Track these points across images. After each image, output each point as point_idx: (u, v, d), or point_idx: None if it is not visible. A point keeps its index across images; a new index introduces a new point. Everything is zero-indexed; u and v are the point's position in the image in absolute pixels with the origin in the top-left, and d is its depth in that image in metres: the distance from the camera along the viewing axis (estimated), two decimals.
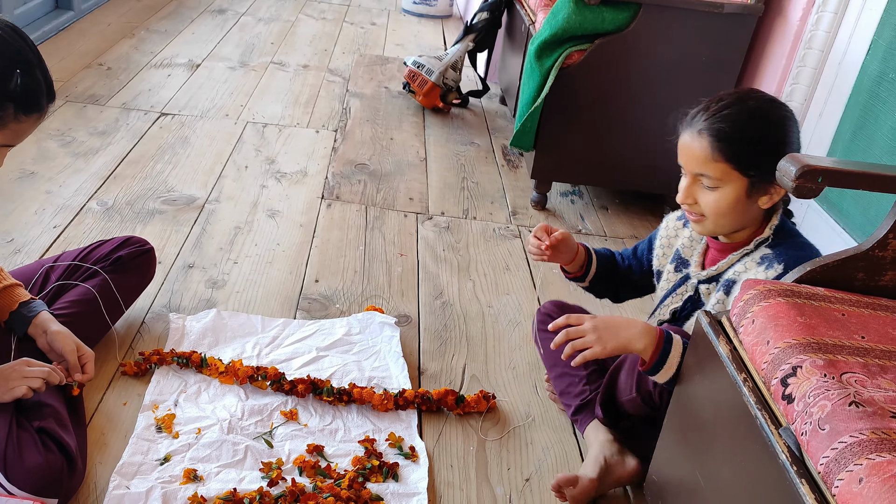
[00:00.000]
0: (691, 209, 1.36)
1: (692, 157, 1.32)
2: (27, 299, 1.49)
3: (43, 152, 2.55)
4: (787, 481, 0.89)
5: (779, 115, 1.31)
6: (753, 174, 1.28)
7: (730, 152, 1.27)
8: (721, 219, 1.33)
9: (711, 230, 1.37)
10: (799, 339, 0.99)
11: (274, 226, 2.31)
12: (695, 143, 1.31)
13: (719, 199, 1.31)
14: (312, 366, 1.71)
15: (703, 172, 1.31)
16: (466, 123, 3.34)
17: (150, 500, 1.32)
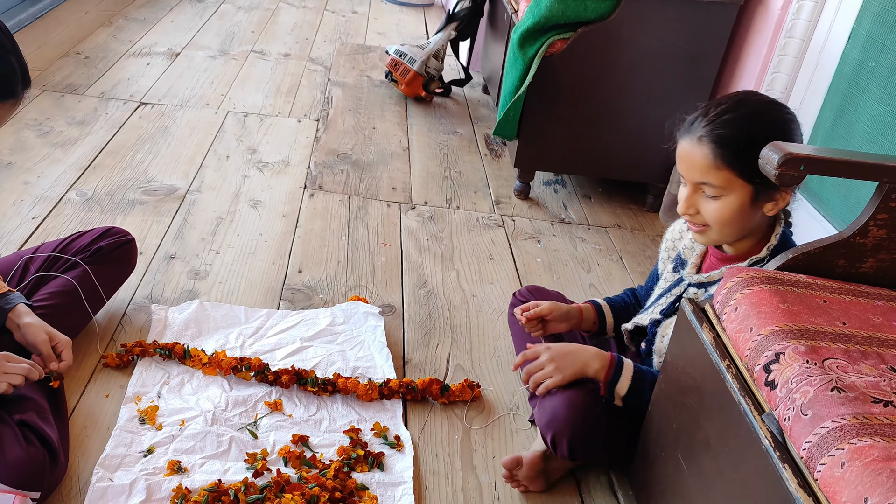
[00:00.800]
0: (693, 220, 1.30)
1: (693, 166, 1.26)
2: (4, 291, 1.47)
3: (20, 142, 2.51)
4: (770, 466, 0.90)
5: (781, 117, 1.26)
6: (759, 181, 1.20)
7: (733, 159, 1.21)
8: (726, 228, 1.27)
9: (715, 240, 1.31)
10: (781, 326, 1.00)
11: (256, 216, 2.30)
12: (695, 150, 1.25)
13: (723, 207, 1.24)
14: (296, 356, 1.70)
15: (706, 181, 1.24)
16: (449, 113, 3.33)
17: (134, 493, 1.31)
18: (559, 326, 1.58)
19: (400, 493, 1.40)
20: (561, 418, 1.32)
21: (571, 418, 1.32)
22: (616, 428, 1.36)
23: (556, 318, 1.57)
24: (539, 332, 1.59)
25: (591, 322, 1.60)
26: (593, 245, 2.40)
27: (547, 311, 1.56)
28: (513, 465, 1.43)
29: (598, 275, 2.24)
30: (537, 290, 1.75)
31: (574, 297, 2.06)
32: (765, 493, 0.91)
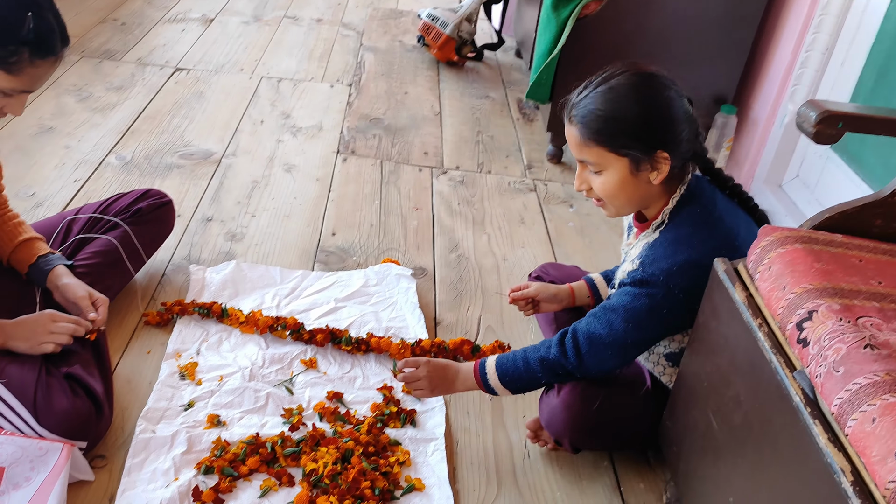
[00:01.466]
0: (589, 195, 1.32)
1: (571, 145, 1.29)
2: (46, 252, 1.52)
3: (61, 108, 2.56)
4: (800, 423, 0.90)
5: (646, 89, 1.24)
6: (628, 153, 1.23)
7: (598, 135, 1.23)
8: (616, 200, 1.29)
9: (615, 213, 1.33)
10: (815, 285, 0.99)
11: (290, 180, 2.32)
12: (569, 130, 1.28)
13: (606, 182, 1.27)
14: (331, 316, 1.73)
15: (583, 158, 1.27)
16: (481, 77, 3.32)
17: (176, 444, 1.36)
18: (549, 307, 1.62)
19: (431, 449, 1.43)
20: (559, 420, 1.36)
21: (568, 420, 1.35)
22: (618, 420, 1.38)
23: (545, 299, 1.60)
24: (531, 312, 1.63)
25: (585, 298, 1.61)
26: None
27: (533, 292, 1.60)
28: (536, 425, 1.46)
29: None
30: (554, 266, 1.77)
31: (605, 260, 2.06)
32: (795, 449, 0.92)
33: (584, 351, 1.29)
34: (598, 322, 1.29)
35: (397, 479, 1.35)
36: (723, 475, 1.11)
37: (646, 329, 1.27)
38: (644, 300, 1.24)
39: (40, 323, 1.37)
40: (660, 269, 1.23)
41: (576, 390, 1.35)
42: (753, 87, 2.53)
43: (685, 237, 1.25)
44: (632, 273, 1.27)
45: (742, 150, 2.54)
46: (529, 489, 1.39)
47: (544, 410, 1.39)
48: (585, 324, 1.31)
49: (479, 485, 1.39)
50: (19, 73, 1.20)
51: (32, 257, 1.50)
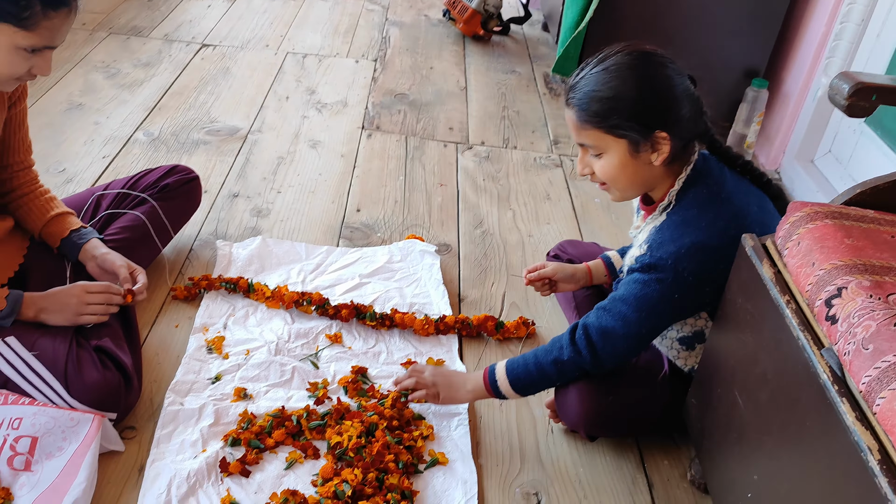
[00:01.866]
0: (593, 179, 1.30)
1: (571, 129, 1.27)
2: (78, 227, 1.54)
3: (89, 84, 2.58)
4: (827, 401, 0.89)
5: (642, 68, 1.21)
6: (625, 135, 1.20)
7: (594, 117, 1.21)
8: (618, 184, 1.27)
9: (619, 197, 1.31)
10: (845, 261, 0.97)
11: (316, 156, 2.33)
12: (567, 114, 1.26)
13: (605, 165, 1.25)
14: (355, 292, 1.74)
15: (582, 142, 1.26)
16: (507, 51, 3.28)
17: (204, 416, 1.38)
18: (567, 286, 1.61)
19: (455, 424, 1.44)
20: (573, 412, 1.36)
21: (582, 412, 1.34)
22: (633, 410, 1.37)
23: (562, 279, 1.59)
24: (548, 292, 1.62)
25: (602, 276, 1.60)
26: None
27: (550, 272, 1.58)
28: (554, 404, 1.45)
29: None
30: (572, 244, 1.76)
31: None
32: (822, 427, 0.91)
33: (598, 347, 1.28)
34: (609, 315, 1.27)
35: (421, 453, 1.36)
36: (748, 453, 1.11)
37: (658, 316, 1.25)
38: (654, 286, 1.23)
39: (73, 295, 1.40)
40: (667, 252, 1.21)
41: (590, 384, 1.34)
42: (786, 61, 2.48)
43: (692, 219, 1.22)
44: (640, 258, 1.26)
45: (773, 125, 2.50)
46: (553, 465, 1.40)
47: (559, 402, 1.39)
48: (596, 318, 1.29)
49: (502, 460, 1.39)
50: (35, 27, 1.19)
51: (65, 231, 1.52)
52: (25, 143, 1.51)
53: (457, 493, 1.30)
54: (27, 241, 1.54)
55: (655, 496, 1.36)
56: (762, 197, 1.29)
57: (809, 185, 2.25)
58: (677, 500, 1.36)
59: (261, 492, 1.27)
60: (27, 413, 1.24)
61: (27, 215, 1.52)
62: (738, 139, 2.51)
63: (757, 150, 2.56)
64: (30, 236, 1.55)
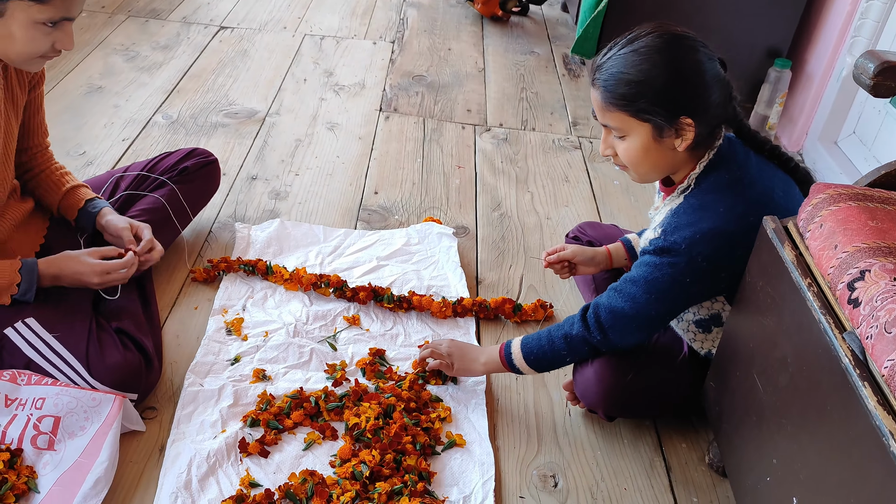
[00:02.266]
0: (615, 161, 1.29)
1: (595, 109, 1.25)
2: (92, 197, 1.55)
3: (109, 67, 2.59)
4: (848, 385, 0.88)
5: (671, 52, 1.18)
6: (650, 119, 1.18)
7: (620, 100, 1.19)
8: (639, 167, 1.25)
9: (639, 179, 1.29)
10: (869, 244, 0.96)
11: (333, 138, 2.33)
12: (593, 94, 1.24)
13: (628, 148, 1.23)
14: (373, 274, 1.75)
15: (606, 123, 1.24)
16: (526, 32, 3.25)
17: (223, 397, 1.39)
18: (587, 269, 1.59)
19: (473, 406, 1.44)
20: (592, 392, 1.35)
21: (601, 391, 1.34)
22: (651, 391, 1.36)
23: (582, 262, 1.58)
24: (567, 275, 1.60)
25: (622, 260, 1.58)
26: None
27: (570, 255, 1.57)
28: (572, 386, 1.45)
29: None
30: (591, 226, 1.74)
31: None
32: (843, 411, 0.90)
33: (607, 326, 1.28)
34: (620, 296, 1.27)
35: (438, 435, 1.37)
36: (767, 436, 1.10)
37: (669, 300, 1.24)
38: (666, 270, 1.21)
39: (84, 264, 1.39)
40: (682, 237, 1.20)
41: (609, 362, 1.33)
42: (809, 40, 2.44)
43: (710, 203, 1.21)
44: (654, 241, 1.24)
45: (796, 106, 2.46)
46: (570, 447, 1.40)
47: (578, 381, 1.39)
48: (607, 298, 1.29)
49: (519, 442, 1.40)
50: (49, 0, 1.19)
51: (80, 202, 1.53)
52: (43, 126, 1.53)
53: (474, 474, 1.31)
54: (47, 222, 1.55)
55: (673, 479, 1.36)
56: (788, 182, 1.27)
57: (832, 166, 2.21)
58: (695, 482, 1.36)
59: (279, 472, 1.28)
60: (50, 393, 1.26)
61: (45, 192, 1.54)
62: (760, 120, 2.48)
63: (779, 131, 2.53)
64: (49, 216, 1.57)
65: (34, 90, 1.45)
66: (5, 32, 1.20)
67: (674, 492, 1.34)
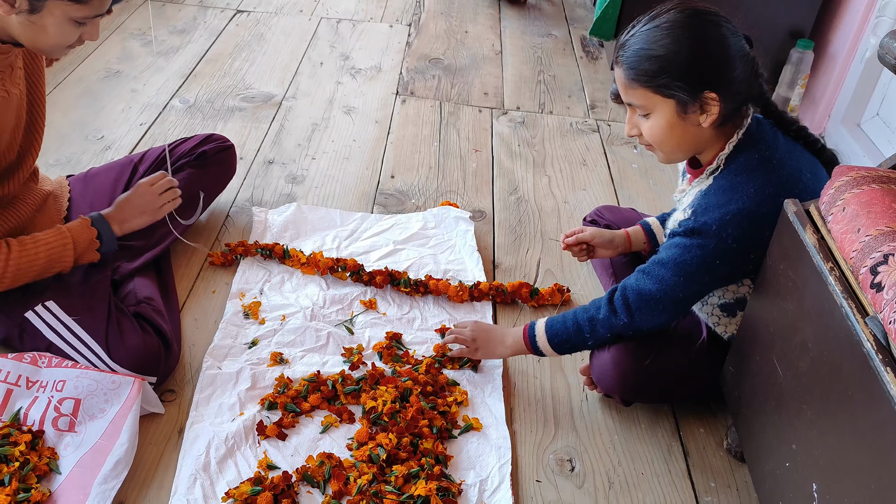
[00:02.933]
0: (640, 141, 1.27)
1: (619, 88, 1.24)
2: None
3: (126, 52, 2.60)
4: (870, 370, 0.87)
5: (694, 27, 1.17)
6: (673, 94, 1.17)
7: (643, 76, 1.18)
8: (664, 146, 1.24)
9: (665, 159, 1.28)
10: (893, 227, 0.94)
11: (350, 122, 2.32)
12: (616, 73, 1.23)
13: (653, 126, 1.22)
14: (390, 258, 1.75)
15: (630, 101, 1.23)
16: (544, 14, 3.22)
17: (241, 380, 1.40)
18: (605, 252, 1.58)
19: (489, 390, 1.44)
20: (609, 376, 1.35)
21: (618, 376, 1.33)
22: (668, 376, 1.35)
23: (600, 245, 1.57)
24: (585, 257, 1.60)
25: (641, 244, 1.57)
26: None
27: (588, 237, 1.56)
28: (589, 370, 1.44)
29: None
30: (609, 209, 1.73)
31: (670, 203, 2.01)
32: (865, 397, 0.89)
33: (634, 308, 1.27)
34: (648, 278, 1.26)
35: (455, 419, 1.37)
36: (786, 422, 1.09)
37: (697, 282, 1.23)
38: (695, 252, 1.20)
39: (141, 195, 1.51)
40: (712, 218, 1.18)
41: (626, 347, 1.33)
42: (832, 20, 2.39)
43: (740, 184, 1.19)
44: (683, 222, 1.23)
45: (818, 88, 2.42)
46: (587, 431, 1.39)
47: (595, 366, 1.38)
48: (635, 280, 1.28)
49: (536, 426, 1.40)
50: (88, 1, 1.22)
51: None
52: None
53: (490, 458, 1.31)
54: (66, 204, 1.56)
55: (691, 464, 1.35)
56: (815, 163, 1.25)
57: (855, 149, 2.18)
58: (713, 467, 1.35)
59: (297, 455, 1.29)
60: (70, 376, 1.27)
61: None
62: (782, 102, 2.44)
63: (801, 113, 2.49)
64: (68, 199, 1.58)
65: None
66: (39, 26, 1.22)
67: (691, 477, 1.33)
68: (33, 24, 1.21)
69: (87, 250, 1.39)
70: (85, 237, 1.39)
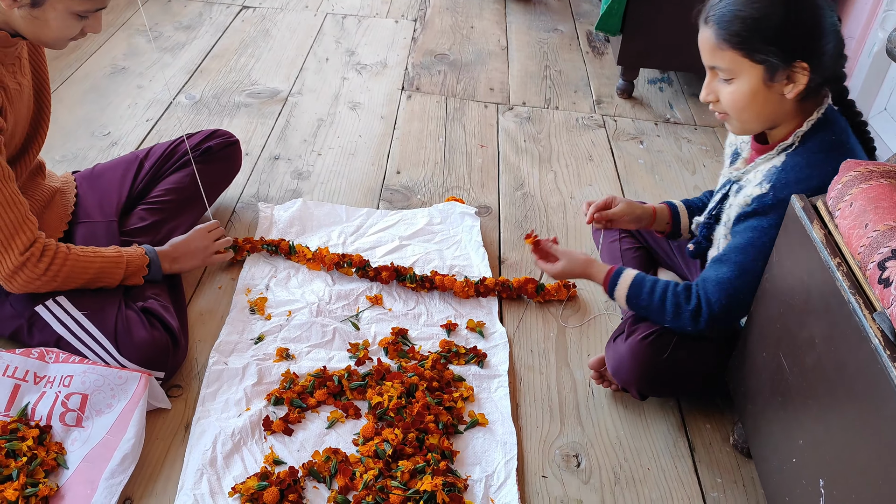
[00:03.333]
0: (715, 107, 1.24)
1: (703, 49, 1.21)
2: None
3: (132, 48, 2.60)
4: (878, 366, 0.86)
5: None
6: (765, 59, 1.14)
7: (735, 38, 1.15)
8: (742, 114, 1.21)
9: (739, 129, 1.25)
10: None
11: (355, 118, 2.32)
12: (703, 32, 1.20)
13: (735, 91, 1.19)
14: (396, 254, 1.75)
15: (714, 64, 1.20)
16: (550, 9, 3.21)
17: (247, 376, 1.41)
18: (628, 224, 1.53)
19: (495, 385, 1.44)
20: (626, 368, 1.33)
21: (636, 368, 1.32)
22: (686, 369, 1.34)
23: (628, 221, 1.51)
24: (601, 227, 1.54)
25: (664, 223, 1.54)
26: (699, 146, 2.30)
27: (619, 213, 1.50)
28: (598, 364, 1.44)
29: (704, 176, 2.16)
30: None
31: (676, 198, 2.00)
32: (872, 392, 0.88)
33: (714, 300, 1.23)
34: (727, 266, 1.22)
35: (461, 414, 1.37)
36: (792, 417, 1.09)
37: None
38: (774, 232, 1.17)
39: (196, 238, 1.55)
40: (794, 193, 1.13)
41: (645, 339, 1.31)
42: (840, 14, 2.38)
43: (819, 163, 1.16)
44: (759, 197, 1.20)
45: None
46: (593, 427, 1.39)
47: (611, 357, 1.37)
48: (714, 271, 1.24)
49: (542, 421, 1.40)
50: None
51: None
52: None
53: (496, 454, 1.31)
54: (71, 207, 1.57)
55: (697, 460, 1.35)
56: None
57: None
58: (719, 463, 1.35)
59: (303, 450, 1.29)
60: (77, 371, 1.27)
61: None
62: None
63: None
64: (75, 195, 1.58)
65: None
66: (41, 19, 1.23)
67: (698, 473, 1.33)
68: (36, 18, 1.22)
69: (134, 275, 1.43)
70: (137, 263, 1.43)
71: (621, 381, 1.37)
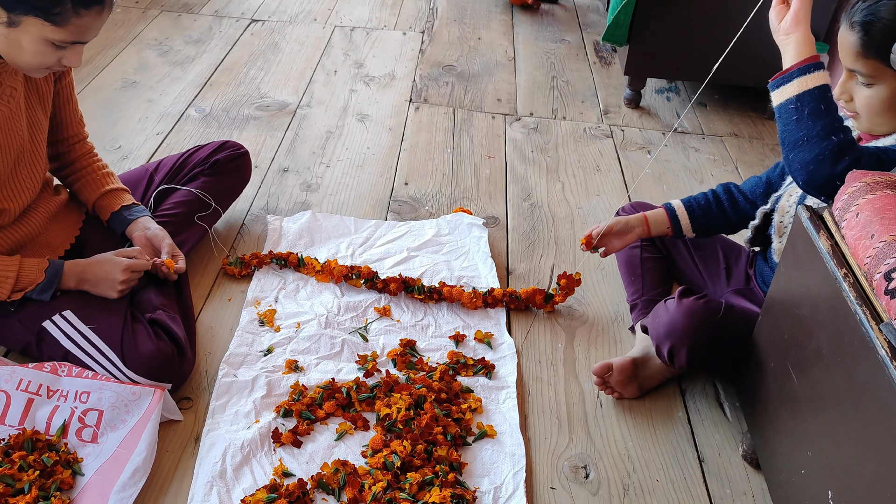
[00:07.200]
0: (846, 106, 1.25)
1: (844, 52, 1.21)
2: (130, 203, 1.58)
3: (143, 62, 2.63)
4: (885, 377, 0.86)
5: None
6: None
7: (880, 49, 1.14)
8: (875, 118, 1.22)
9: (867, 128, 1.26)
10: None
11: (364, 130, 2.33)
12: (847, 36, 1.20)
13: (872, 96, 1.20)
14: (404, 265, 1.75)
15: (856, 69, 1.20)
16: (557, 20, 3.22)
17: (256, 388, 1.41)
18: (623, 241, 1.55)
19: (503, 397, 1.44)
20: (680, 328, 1.32)
21: (691, 327, 1.31)
22: (729, 337, 1.34)
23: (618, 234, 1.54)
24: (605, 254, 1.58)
25: (664, 227, 1.54)
26: (707, 155, 2.30)
27: (606, 229, 1.52)
28: (603, 370, 1.44)
29: (711, 185, 2.14)
30: (641, 206, 1.72)
31: None
32: (879, 404, 0.88)
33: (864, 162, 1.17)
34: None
35: (469, 426, 1.37)
36: (801, 428, 1.09)
37: None
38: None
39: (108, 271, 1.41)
40: None
41: (699, 299, 1.33)
42: None
43: None
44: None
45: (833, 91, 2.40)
46: (602, 438, 1.39)
47: (661, 320, 1.36)
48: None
49: (550, 433, 1.40)
50: (65, 24, 1.20)
51: (115, 206, 1.56)
52: (77, 115, 1.56)
53: (505, 465, 1.31)
54: (83, 216, 1.59)
55: (706, 470, 1.35)
56: None
57: None
58: (729, 474, 1.34)
59: (312, 462, 1.30)
60: (93, 387, 1.29)
61: (83, 188, 1.57)
62: None
63: None
64: (85, 210, 1.60)
65: (61, 80, 1.47)
66: (14, 41, 1.21)
67: (707, 483, 1.33)
68: (9, 38, 1.21)
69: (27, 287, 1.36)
70: (29, 279, 1.35)
71: (672, 343, 1.34)
